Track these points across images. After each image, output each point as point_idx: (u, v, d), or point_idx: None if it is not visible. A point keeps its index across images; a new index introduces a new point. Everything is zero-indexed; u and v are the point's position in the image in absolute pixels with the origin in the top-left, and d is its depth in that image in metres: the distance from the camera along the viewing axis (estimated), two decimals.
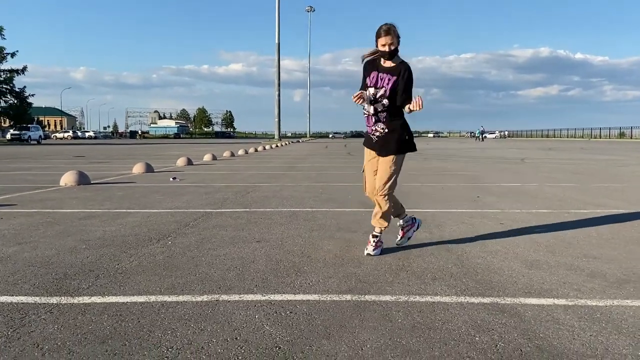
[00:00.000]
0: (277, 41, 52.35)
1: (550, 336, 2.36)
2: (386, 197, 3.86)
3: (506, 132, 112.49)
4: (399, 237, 4.17)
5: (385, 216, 3.95)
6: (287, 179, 10.65)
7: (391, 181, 3.84)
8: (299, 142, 58.36)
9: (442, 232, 4.83)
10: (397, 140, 3.84)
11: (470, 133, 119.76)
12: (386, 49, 3.70)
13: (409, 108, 3.66)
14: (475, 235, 4.68)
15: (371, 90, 3.79)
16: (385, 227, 3.98)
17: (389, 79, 3.73)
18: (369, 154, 4.03)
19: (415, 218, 4.23)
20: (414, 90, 3.80)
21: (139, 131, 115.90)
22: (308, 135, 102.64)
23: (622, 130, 75.62)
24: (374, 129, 3.87)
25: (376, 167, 3.94)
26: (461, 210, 6.22)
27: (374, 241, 3.96)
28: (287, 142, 49.51)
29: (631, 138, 69.14)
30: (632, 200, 7.25)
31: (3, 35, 51.53)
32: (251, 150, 25.89)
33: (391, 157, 3.84)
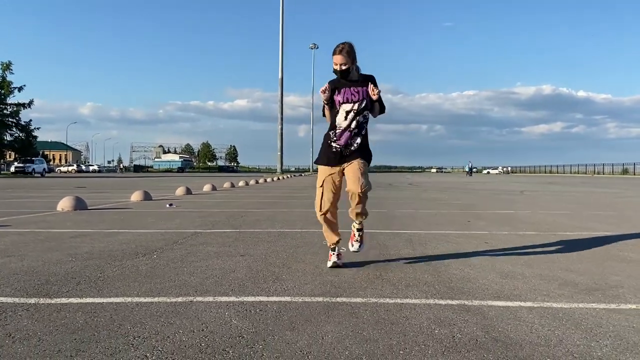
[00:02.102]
0: (280, 76, 53.32)
1: (508, 330, 2.42)
2: (365, 193, 3.77)
3: (509, 168, 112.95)
4: (336, 259, 3.99)
5: (364, 209, 3.87)
6: (282, 206, 10.75)
7: (367, 178, 3.79)
8: (301, 175, 58.61)
9: (426, 249, 4.90)
10: (368, 153, 3.93)
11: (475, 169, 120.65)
12: (337, 67, 3.74)
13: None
14: (458, 252, 4.74)
15: (348, 105, 3.80)
16: (364, 219, 3.94)
17: (363, 91, 3.78)
18: (328, 169, 3.87)
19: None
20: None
21: (121, 165, 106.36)
22: (311, 170, 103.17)
23: (625, 167, 75.84)
24: (349, 142, 3.82)
25: (337, 182, 3.86)
26: (449, 232, 6.29)
27: (358, 235, 3.92)
28: (289, 176, 49.74)
29: (634, 174, 69.21)
30: (621, 225, 7.30)
31: (11, 70, 52.54)
32: (252, 182, 26.06)
33: (363, 162, 3.83)
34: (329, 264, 3.98)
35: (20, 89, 53.56)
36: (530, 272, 3.81)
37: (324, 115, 3.96)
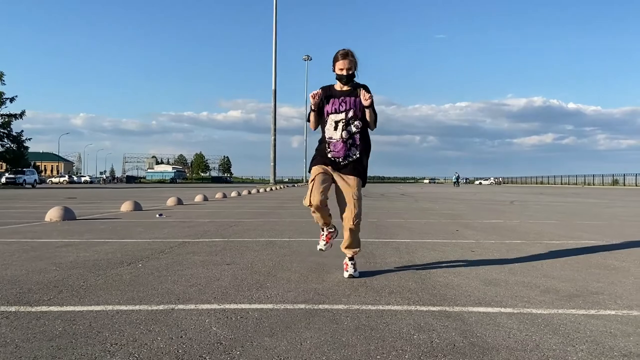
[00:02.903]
0: (273, 88, 53.53)
1: (487, 335, 2.43)
2: (359, 225, 3.87)
3: (500, 179, 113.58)
4: (324, 243, 4.08)
5: (358, 242, 3.94)
6: (273, 216, 10.74)
7: (361, 209, 3.86)
8: (294, 186, 58.57)
9: (412, 257, 4.91)
10: (365, 167, 3.92)
11: (466, 179, 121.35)
12: (344, 72, 3.75)
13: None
14: (444, 260, 4.76)
15: (337, 116, 3.79)
16: (357, 252, 3.98)
17: (352, 101, 3.78)
18: (323, 168, 3.87)
19: (335, 227, 4.13)
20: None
21: (104, 176, 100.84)
22: (304, 180, 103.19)
23: (615, 178, 76.45)
24: (347, 154, 3.81)
25: (328, 180, 3.85)
26: (436, 240, 6.31)
27: (352, 264, 3.92)
28: (282, 186, 49.71)
29: (624, 185, 69.78)
30: (607, 234, 7.36)
31: (3, 80, 52.41)
32: (244, 192, 26.03)
33: (358, 180, 3.86)
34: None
35: (12, 99, 53.40)
36: (513, 279, 3.83)
37: (308, 120, 3.96)
